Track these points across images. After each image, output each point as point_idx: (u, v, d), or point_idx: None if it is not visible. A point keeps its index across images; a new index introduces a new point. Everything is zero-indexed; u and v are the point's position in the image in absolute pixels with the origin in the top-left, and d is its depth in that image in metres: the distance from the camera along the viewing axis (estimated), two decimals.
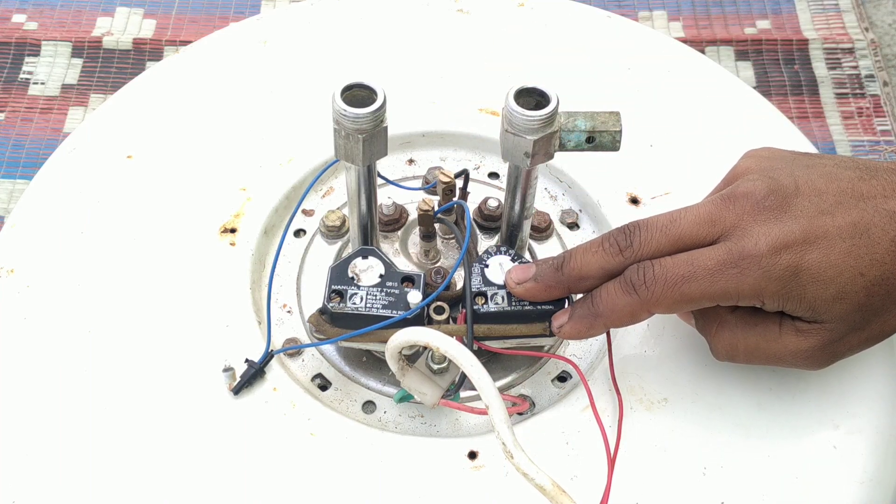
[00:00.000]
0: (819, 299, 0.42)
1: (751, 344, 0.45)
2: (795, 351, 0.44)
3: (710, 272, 0.42)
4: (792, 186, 0.43)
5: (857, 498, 0.47)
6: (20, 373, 0.51)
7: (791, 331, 0.44)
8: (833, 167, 0.44)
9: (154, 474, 0.48)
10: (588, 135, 0.47)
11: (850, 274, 0.41)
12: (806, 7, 1.08)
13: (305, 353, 0.53)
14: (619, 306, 0.44)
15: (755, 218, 0.43)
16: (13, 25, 1.02)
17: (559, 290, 0.46)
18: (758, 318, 0.45)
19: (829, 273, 0.41)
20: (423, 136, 0.64)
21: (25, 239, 0.57)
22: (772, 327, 0.44)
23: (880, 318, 0.43)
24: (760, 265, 0.41)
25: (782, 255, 0.41)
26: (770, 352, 0.45)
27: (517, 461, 0.41)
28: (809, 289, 0.42)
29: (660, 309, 0.44)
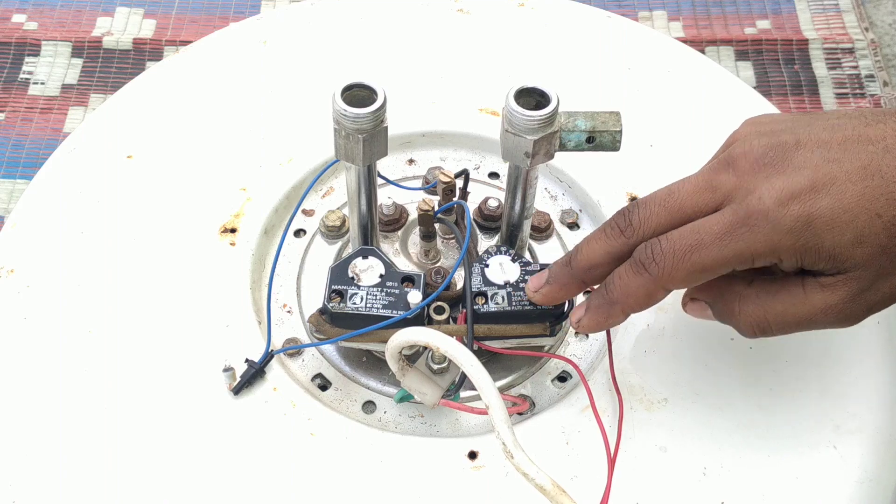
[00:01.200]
0: (838, 246, 0.39)
1: (778, 311, 0.42)
2: (825, 308, 0.41)
3: (718, 237, 0.40)
4: (792, 141, 0.41)
5: (856, 498, 0.47)
6: (20, 373, 0.51)
7: (816, 288, 0.41)
8: (835, 119, 0.42)
9: (154, 474, 0.48)
10: (588, 135, 0.47)
11: (866, 216, 0.39)
12: (806, 7, 1.08)
13: (305, 353, 0.53)
14: (633, 288, 0.42)
15: (756, 175, 0.41)
16: (13, 25, 1.02)
17: (575, 286, 0.46)
18: (779, 284, 0.42)
19: (844, 218, 0.39)
20: (423, 136, 0.64)
21: (25, 239, 0.57)
22: (795, 289, 0.42)
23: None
24: (769, 219, 0.39)
25: (791, 207, 0.39)
26: (800, 315, 0.42)
27: (517, 461, 0.41)
28: (826, 237, 0.39)
29: (674, 284, 0.42)
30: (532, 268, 0.49)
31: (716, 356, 0.52)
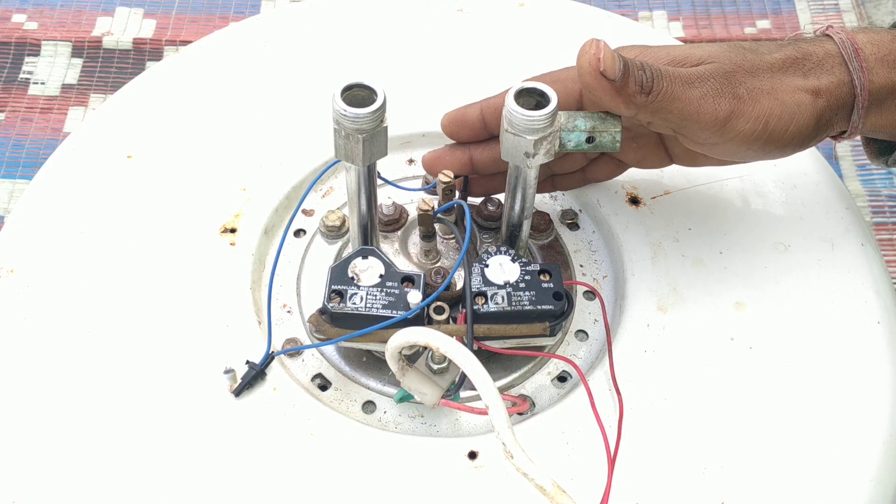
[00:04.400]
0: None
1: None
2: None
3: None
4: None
5: (858, 497, 0.47)
6: (20, 373, 0.51)
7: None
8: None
9: (155, 475, 0.48)
10: (588, 135, 0.47)
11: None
12: (806, 7, 1.08)
13: (305, 353, 0.53)
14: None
15: None
16: (13, 25, 1.02)
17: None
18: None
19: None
20: (423, 136, 0.64)
21: (25, 239, 0.57)
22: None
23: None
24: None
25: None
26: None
27: (517, 461, 0.41)
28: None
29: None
30: (532, 268, 0.49)
31: (716, 356, 0.52)
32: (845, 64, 0.48)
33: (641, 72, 0.45)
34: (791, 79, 0.47)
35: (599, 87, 0.44)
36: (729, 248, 0.57)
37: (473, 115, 0.52)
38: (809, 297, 0.55)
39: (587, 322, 0.55)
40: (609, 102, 0.45)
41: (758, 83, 0.47)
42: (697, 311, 0.54)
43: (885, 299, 0.55)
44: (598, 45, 0.44)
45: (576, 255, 0.58)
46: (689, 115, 0.46)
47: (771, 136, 0.47)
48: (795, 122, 0.47)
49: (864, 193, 0.98)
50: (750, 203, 0.59)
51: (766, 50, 0.48)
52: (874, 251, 0.58)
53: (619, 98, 0.45)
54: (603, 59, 0.44)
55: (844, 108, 0.48)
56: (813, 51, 0.48)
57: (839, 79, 0.48)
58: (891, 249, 0.96)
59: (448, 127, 0.53)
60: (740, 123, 0.46)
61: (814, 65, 0.48)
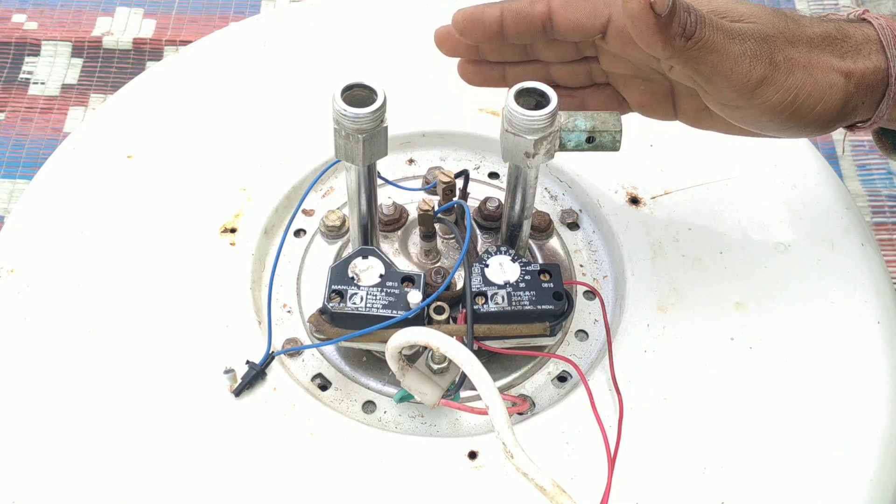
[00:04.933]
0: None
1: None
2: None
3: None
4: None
5: (858, 497, 0.47)
6: (20, 373, 0.51)
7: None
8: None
9: (155, 475, 0.48)
10: (588, 135, 0.47)
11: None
12: (806, 7, 1.08)
13: (305, 353, 0.53)
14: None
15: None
16: (13, 25, 1.02)
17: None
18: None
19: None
20: (423, 136, 0.64)
21: (25, 239, 0.57)
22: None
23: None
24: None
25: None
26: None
27: (517, 461, 0.41)
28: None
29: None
30: (532, 268, 0.49)
31: (716, 356, 0.52)
32: (883, 51, 0.47)
33: (687, 14, 0.42)
34: (827, 57, 0.46)
35: (644, 18, 0.41)
36: (729, 248, 0.57)
37: (492, 17, 0.48)
38: (809, 296, 0.55)
39: (587, 322, 0.55)
40: (647, 38, 0.42)
41: (795, 54, 0.45)
42: (697, 311, 0.54)
43: (885, 299, 0.55)
44: None
45: (576, 255, 0.58)
46: (721, 71, 0.44)
47: (797, 111, 0.45)
48: (824, 102, 0.46)
49: (864, 193, 0.98)
50: (750, 203, 0.59)
51: (808, 23, 0.47)
52: (874, 251, 0.58)
53: (658, 36, 0.42)
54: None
55: (874, 95, 0.47)
56: (852, 33, 0.47)
57: (875, 65, 0.46)
58: (891, 249, 0.96)
59: (461, 24, 0.49)
60: (770, 91, 0.45)
61: (851, 47, 0.47)
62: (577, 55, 0.51)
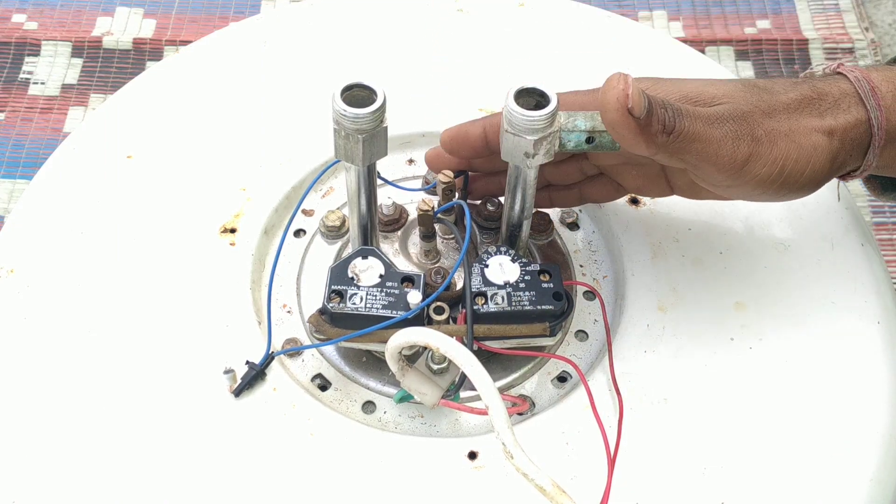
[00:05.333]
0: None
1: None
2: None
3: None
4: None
5: (858, 497, 0.48)
6: (20, 373, 0.51)
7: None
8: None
9: (155, 475, 0.48)
10: (588, 135, 0.47)
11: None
12: (806, 7, 1.08)
13: (305, 353, 0.53)
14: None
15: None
16: (13, 25, 1.02)
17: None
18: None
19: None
20: (423, 136, 0.64)
21: (25, 239, 0.57)
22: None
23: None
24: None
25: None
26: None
27: (517, 461, 0.41)
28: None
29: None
30: (532, 268, 0.49)
31: (716, 356, 0.52)
32: (862, 103, 0.47)
33: (664, 110, 0.43)
34: (807, 119, 0.46)
35: (624, 124, 0.43)
36: (729, 248, 0.57)
37: (475, 134, 0.51)
38: (809, 296, 0.55)
39: (587, 322, 0.55)
40: (631, 140, 0.43)
41: (775, 125, 0.46)
42: (697, 311, 0.54)
43: (885, 299, 0.55)
44: (625, 80, 0.43)
45: (576, 255, 0.58)
46: (707, 157, 0.44)
47: (787, 179, 0.46)
48: (811, 165, 0.46)
49: (864, 193, 0.98)
50: (750, 203, 0.59)
51: (781, 89, 0.47)
52: (874, 251, 0.58)
53: (641, 137, 0.43)
54: (631, 96, 0.42)
55: (859, 147, 0.47)
56: (828, 90, 0.47)
57: (856, 118, 0.47)
58: (891, 249, 0.96)
59: (448, 144, 0.52)
60: (757, 167, 0.45)
61: (829, 105, 0.47)
62: (566, 155, 0.53)
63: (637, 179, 0.53)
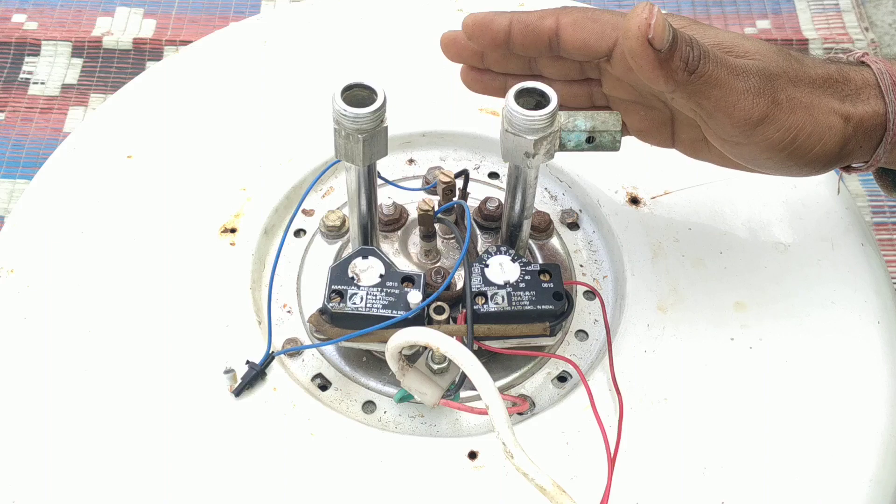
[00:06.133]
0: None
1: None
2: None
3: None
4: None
5: (858, 497, 0.48)
6: (20, 373, 0.51)
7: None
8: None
9: (155, 475, 0.48)
10: (588, 135, 0.47)
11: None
12: (806, 7, 1.08)
13: (305, 353, 0.53)
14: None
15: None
16: (13, 25, 1.02)
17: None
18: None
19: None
20: (423, 136, 0.64)
21: (25, 239, 0.57)
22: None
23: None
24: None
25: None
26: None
27: (517, 461, 0.41)
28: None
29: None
30: (532, 268, 0.49)
31: (716, 356, 0.52)
32: (882, 96, 0.47)
33: (689, 48, 0.42)
34: (828, 99, 0.46)
35: (643, 54, 0.42)
36: (729, 248, 0.57)
37: (501, 25, 0.48)
38: (809, 296, 0.55)
39: (587, 322, 0.55)
40: (648, 73, 0.42)
41: (797, 94, 0.46)
42: (697, 311, 0.54)
43: (885, 299, 0.55)
44: (651, 9, 0.41)
45: (576, 255, 0.58)
46: (724, 107, 0.44)
47: (796, 150, 0.46)
48: (823, 143, 0.46)
49: (864, 193, 0.98)
50: (750, 203, 0.59)
51: (811, 63, 0.47)
52: (874, 251, 0.58)
53: (659, 70, 0.42)
54: (654, 26, 0.41)
55: (872, 139, 0.47)
56: (853, 76, 0.47)
57: (874, 110, 0.47)
58: (891, 249, 0.96)
59: (471, 28, 0.49)
60: (771, 130, 0.45)
61: (852, 91, 0.47)
62: (580, 75, 0.51)
63: (642, 121, 0.52)
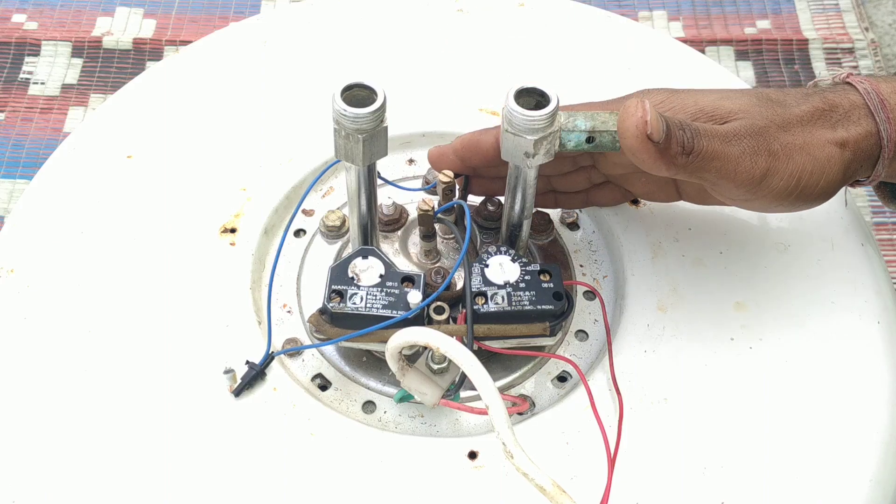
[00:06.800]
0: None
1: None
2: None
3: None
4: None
5: (858, 497, 0.48)
6: (20, 373, 0.51)
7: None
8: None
9: (155, 475, 0.48)
10: (588, 135, 0.47)
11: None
12: (806, 7, 1.09)
13: (305, 353, 0.53)
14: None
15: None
16: (13, 25, 1.03)
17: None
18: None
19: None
20: (423, 136, 0.64)
21: (25, 239, 0.57)
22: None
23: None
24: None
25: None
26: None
27: (517, 461, 0.41)
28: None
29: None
30: (532, 268, 0.49)
31: (716, 356, 0.52)
32: (871, 115, 0.48)
33: (682, 132, 0.44)
34: (820, 131, 0.47)
35: (643, 149, 0.44)
36: (729, 248, 0.57)
37: (488, 143, 0.51)
38: (809, 296, 0.55)
39: (587, 322, 0.55)
40: (651, 164, 0.44)
41: (790, 138, 0.46)
42: (697, 311, 0.54)
43: (885, 299, 0.55)
44: (644, 106, 0.43)
45: (576, 255, 0.58)
46: (725, 174, 0.45)
47: (802, 191, 0.47)
48: (826, 176, 0.47)
49: (864, 193, 0.98)
50: None
51: (794, 101, 0.48)
52: (874, 251, 0.58)
53: (661, 160, 0.44)
54: (650, 122, 0.43)
55: (869, 158, 0.48)
56: (839, 101, 0.48)
57: (866, 130, 0.47)
58: (891, 249, 0.96)
59: (461, 151, 0.52)
60: (775, 181, 0.46)
61: (840, 116, 0.48)
62: (575, 167, 0.54)
63: (646, 186, 0.54)
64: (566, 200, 0.57)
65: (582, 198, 0.56)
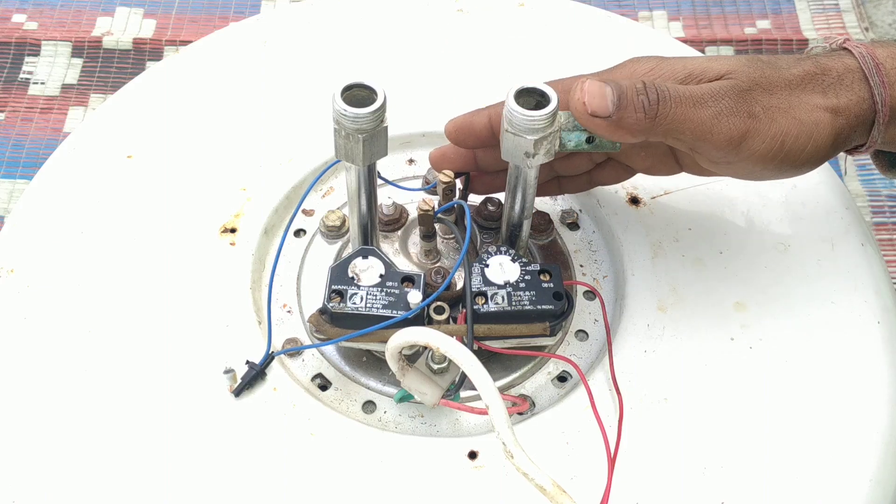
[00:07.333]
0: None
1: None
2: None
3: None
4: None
5: (858, 497, 0.48)
6: (20, 373, 0.51)
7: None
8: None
9: (155, 475, 0.48)
10: (588, 135, 0.47)
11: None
12: (806, 7, 1.08)
13: (305, 353, 0.53)
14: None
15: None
16: (13, 25, 1.02)
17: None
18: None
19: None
20: (423, 136, 0.64)
21: (25, 239, 0.57)
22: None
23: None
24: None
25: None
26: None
27: (517, 461, 0.41)
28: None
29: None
30: (532, 268, 0.49)
31: (716, 356, 0.52)
32: (866, 79, 0.47)
33: (643, 96, 0.44)
34: (809, 96, 0.46)
35: (594, 124, 0.44)
36: (729, 248, 0.57)
37: (481, 123, 0.51)
38: (809, 296, 0.55)
39: (587, 322, 0.55)
40: (610, 136, 0.45)
41: (774, 101, 0.46)
42: (697, 311, 0.54)
43: (885, 299, 0.55)
44: (581, 87, 0.44)
45: (576, 255, 0.58)
46: (701, 135, 0.45)
47: (787, 155, 0.46)
48: (813, 141, 0.46)
49: (864, 193, 0.98)
50: (750, 203, 0.59)
51: (785, 64, 0.48)
52: (874, 251, 0.58)
53: (619, 131, 0.44)
54: (588, 102, 0.44)
55: (864, 124, 0.48)
56: (832, 66, 0.47)
57: (859, 95, 0.47)
58: (891, 249, 0.96)
59: (454, 134, 0.52)
60: (755, 143, 0.45)
61: (833, 81, 0.47)
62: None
63: (646, 160, 0.53)
64: (570, 185, 0.56)
65: (585, 179, 0.56)
